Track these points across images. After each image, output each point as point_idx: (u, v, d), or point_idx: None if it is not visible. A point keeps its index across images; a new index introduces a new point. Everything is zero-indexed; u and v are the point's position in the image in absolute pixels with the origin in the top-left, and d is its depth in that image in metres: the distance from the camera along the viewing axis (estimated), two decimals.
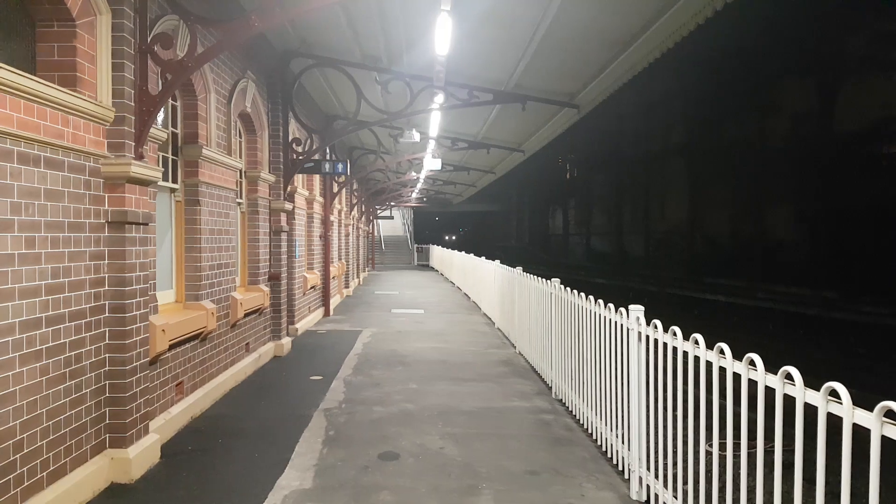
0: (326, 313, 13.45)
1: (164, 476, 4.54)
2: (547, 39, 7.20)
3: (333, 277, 15.07)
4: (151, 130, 4.81)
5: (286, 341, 9.06)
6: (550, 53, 7.73)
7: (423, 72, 8.56)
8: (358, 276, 23.18)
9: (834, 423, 2.31)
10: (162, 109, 5.63)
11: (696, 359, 3.35)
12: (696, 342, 3.31)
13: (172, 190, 5.96)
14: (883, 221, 20.61)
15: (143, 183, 4.58)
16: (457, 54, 7.86)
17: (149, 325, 4.81)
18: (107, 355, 4.39)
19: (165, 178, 5.80)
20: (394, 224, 46.90)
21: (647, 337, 4.03)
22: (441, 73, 8.10)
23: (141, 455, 4.53)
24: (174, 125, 5.95)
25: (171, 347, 5.39)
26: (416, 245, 43.14)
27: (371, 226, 33.49)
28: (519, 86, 9.16)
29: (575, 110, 9.89)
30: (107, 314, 4.38)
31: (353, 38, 8.06)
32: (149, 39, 4.56)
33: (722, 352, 3.07)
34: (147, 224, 4.68)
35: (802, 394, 2.46)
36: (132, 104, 4.47)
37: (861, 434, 2.18)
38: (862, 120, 22.43)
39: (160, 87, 4.74)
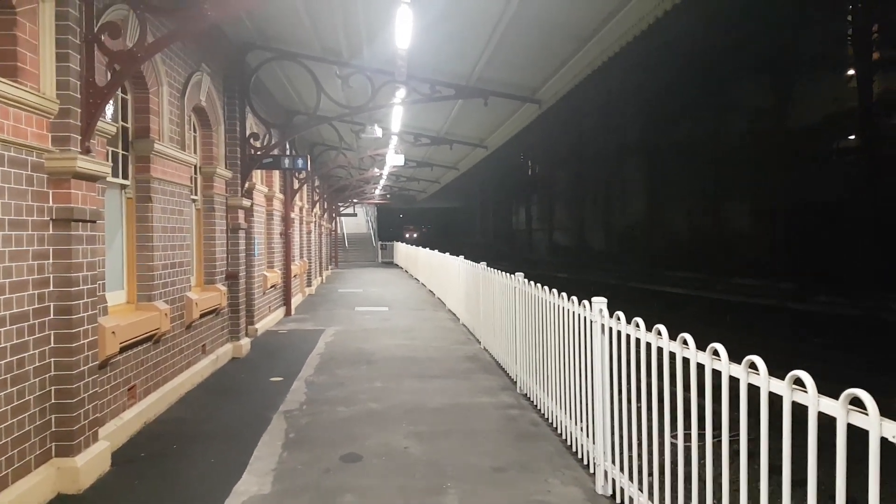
0: (288, 313, 13.20)
1: (114, 485, 4.34)
2: (508, 33, 7.17)
3: (295, 276, 14.81)
4: (100, 124, 4.60)
5: (245, 342, 8.83)
6: (512, 47, 7.70)
7: (384, 66, 8.43)
8: (321, 275, 22.87)
9: (800, 411, 2.31)
10: (111, 102, 5.40)
11: (660, 349, 3.35)
12: (659, 333, 3.31)
13: (123, 186, 5.72)
14: (837, 214, 21.35)
15: (91, 178, 4.36)
16: (419, 48, 7.77)
17: (97, 328, 4.59)
18: (52, 359, 4.17)
19: (116, 174, 5.56)
20: (357, 221, 46.49)
21: (611, 329, 4.03)
22: (403, 67, 8.00)
23: (90, 464, 4.32)
24: (125, 119, 5.71)
25: (123, 350, 5.17)
26: (380, 242, 42.87)
27: (334, 223, 33.09)
28: (481, 80, 9.12)
29: (536, 105, 9.90)
30: (52, 316, 4.16)
31: (312, 31, 7.89)
32: (95, 29, 4.34)
33: (685, 342, 3.07)
34: (95, 221, 4.47)
35: (767, 383, 2.46)
36: (78, 96, 4.26)
37: (824, 422, 2.19)
38: (815, 115, 23.14)
39: (108, 79, 4.52)
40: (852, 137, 22.59)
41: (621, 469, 3.93)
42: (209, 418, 5.90)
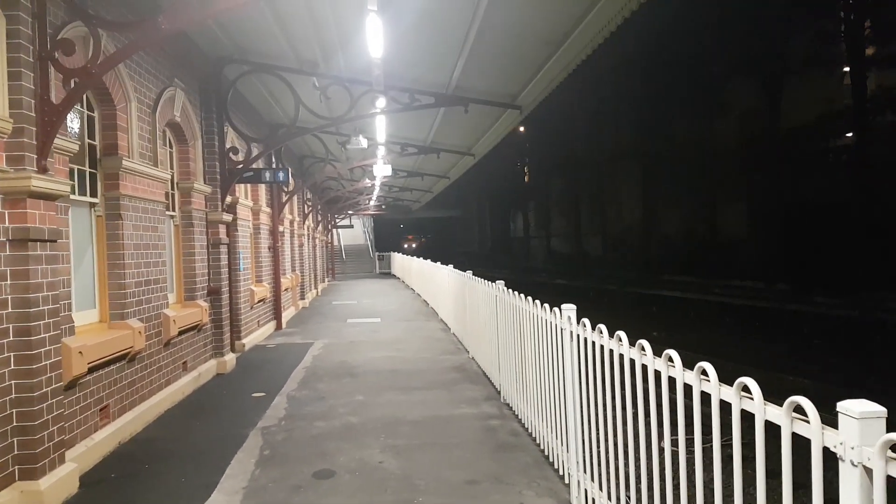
0: (278, 326, 13.11)
1: None
2: (480, 40, 7.13)
3: (286, 290, 14.73)
4: (59, 142, 4.55)
5: (230, 358, 8.74)
6: (486, 55, 7.67)
7: (361, 75, 8.40)
8: (315, 287, 22.78)
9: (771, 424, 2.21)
10: (76, 119, 5.37)
11: (621, 356, 3.27)
12: (620, 339, 3.23)
13: (92, 204, 5.66)
14: (831, 214, 21.25)
15: (49, 197, 4.31)
16: (394, 57, 7.74)
17: (62, 348, 4.52)
18: (12, 382, 4.10)
19: (84, 192, 5.50)
20: (354, 233, 46.45)
21: (578, 336, 3.95)
22: (380, 76, 7.97)
23: (55, 486, 4.23)
24: (92, 136, 5.66)
25: (92, 370, 5.09)
26: (377, 253, 42.81)
27: (330, 235, 33.04)
28: (459, 88, 9.08)
29: (517, 111, 9.86)
30: (11, 338, 4.09)
31: (286, 42, 7.86)
32: (49, 46, 4.30)
33: (643, 349, 2.99)
34: (55, 241, 4.41)
35: (717, 390, 2.38)
36: (32, 114, 4.21)
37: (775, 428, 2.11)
38: (809, 114, 23.05)
39: (65, 96, 4.47)
40: (849, 135, 22.46)
41: (592, 479, 3.83)
42: (185, 437, 5.81)
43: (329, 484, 4.51)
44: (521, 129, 43.76)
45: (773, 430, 2.04)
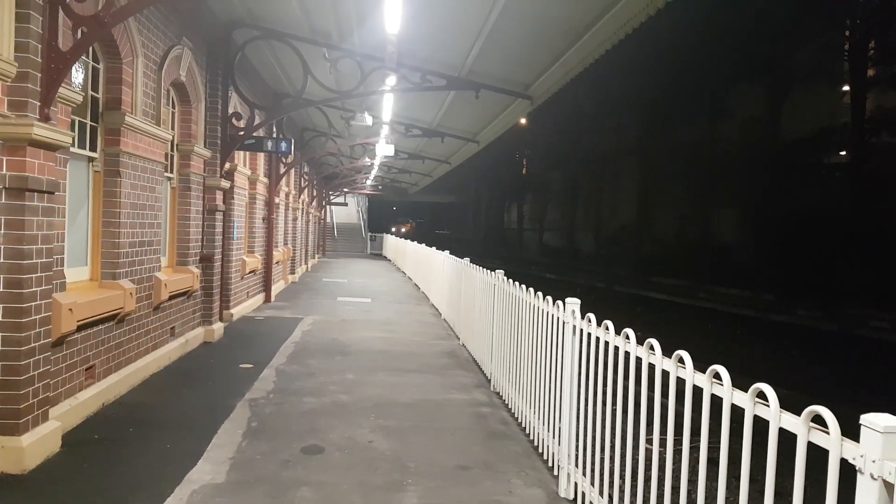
0: (267, 299, 13.00)
1: (62, 467, 4.17)
2: (500, 24, 7.00)
3: (277, 262, 14.60)
4: (63, 91, 4.40)
5: (218, 326, 8.64)
6: (504, 40, 7.53)
7: (374, 51, 8.24)
8: (306, 263, 22.64)
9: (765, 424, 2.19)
10: (81, 70, 5.21)
11: (627, 354, 3.23)
12: (627, 337, 3.18)
13: (91, 159, 5.52)
14: (822, 227, 21.38)
15: (49, 147, 4.17)
16: (410, 35, 7.58)
17: (52, 303, 4.40)
18: (0, 334, 3.99)
19: (83, 146, 5.36)
20: (348, 211, 46.15)
21: (581, 330, 3.90)
22: (393, 53, 7.81)
23: (37, 444, 4.14)
24: (95, 89, 5.50)
25: (81, 328, 4.98)
26: (369, 234, 42.62)
27: (323, 211, 32.82)
28: (473, 72, 8.95)
29: (528, 101, 9.74)
30: (1, 289, 3.98)
31: (301, 11, 7.69)
32: None
33: (652, 348, 2.94)
34: (53, 193, 4.28)
35: (730, 394, 2.34)
36: (38, 60, 4.06)
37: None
38: (808, 128, 23.13)
39: (73, 44, 4.32)
40: (843, 153, 22.63)
41: (584, 473, 3.81)
42: (171, 403, 5.73)
43: (318, 460, 4.46)
44: (523, 120, 43.54)
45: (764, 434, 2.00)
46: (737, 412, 2.29)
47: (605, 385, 3.50)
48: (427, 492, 4.00)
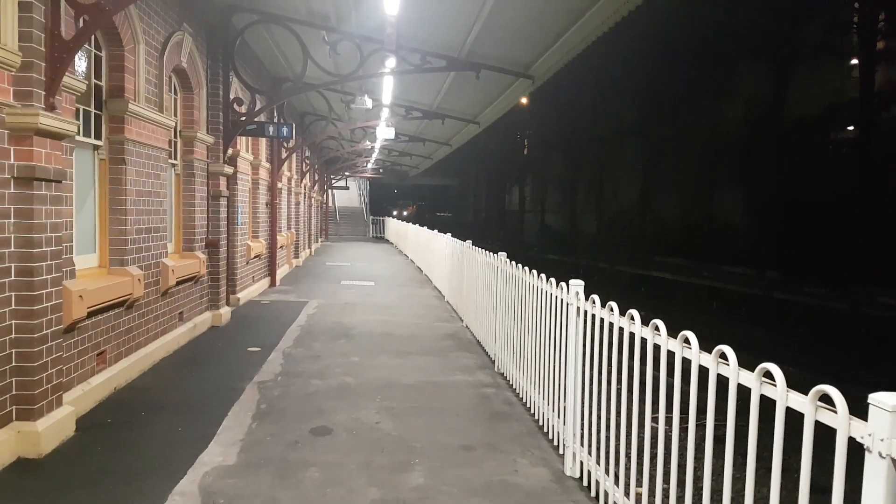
0: (272, 283, 13.08)
1: (76, 450, 4.27)
2: (500, 4, 6.94)
3: (281, 247, 14.66)
4: (68, 80, 4.42)
5: (225, 311, 8.72)
6: (504, 19, 7.49)
7: (373, 33, 8.20)
8: (309, 247, 22.70)
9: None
10: (84, 58, 5.21)
11: (632, 335, 3.28)
12: (632, 318, 3.23)
13: (96, 147, 5.54)
14: (828, 206, 21.25)
15: (55, 136, 4.20)
16: (409, 17, 7.54)
17: (63, 291, 4.47)
18: (13, 322, 4.05)
19: (88, 134, 5.38)
20: (350, 195, 46.16)
21: (586, 312, 3.95)
22: (392, 35, 7.78)
23: (52, 428, 4.23)
24: (98, 77, 5.51)
25: (91, 315, 5.05)
26: (371, 217, 42.63)
27: (325, 195, 32.81)
28: (473, 53, 8.90)
29: (529, 81, 9.70)
30: (13, 277, 4.03)
31: None
32: None
33: (657, 328, 2.99)
34: (60, 181, 4.32)
35: (736, 374, 2.39)
36: (42, 49, 4.07)
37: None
38: (814, 105, 22.84)
39: (76, 32, 4.32)
40: (850, 128, 22.33)
41: (589, 451, 3.88)
42: (181, 386, 5.82)
43: (326, 441, 4.54)
44: (524, 100, 43.23)
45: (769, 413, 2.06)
46: (743, 391, 2.33)
47: (609, 366, 3.56)
48: (433, 471, 4.08)
